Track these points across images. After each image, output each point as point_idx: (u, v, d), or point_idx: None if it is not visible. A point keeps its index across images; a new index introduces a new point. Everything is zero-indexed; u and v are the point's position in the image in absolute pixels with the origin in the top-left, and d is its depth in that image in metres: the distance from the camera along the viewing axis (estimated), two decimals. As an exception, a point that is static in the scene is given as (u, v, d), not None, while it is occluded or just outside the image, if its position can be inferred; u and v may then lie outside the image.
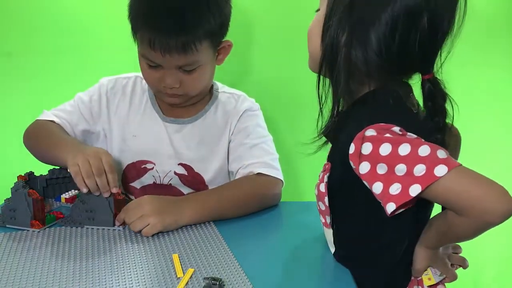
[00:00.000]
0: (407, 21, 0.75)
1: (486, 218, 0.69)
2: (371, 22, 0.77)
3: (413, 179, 0.70)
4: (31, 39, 1.55)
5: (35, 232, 0.95)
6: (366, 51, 0.78)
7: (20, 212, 0.95)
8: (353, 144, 0.74)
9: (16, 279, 0.78)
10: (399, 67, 0.80)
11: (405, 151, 0.71)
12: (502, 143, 1.62)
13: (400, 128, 0.74)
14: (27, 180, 1.08)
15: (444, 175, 0.68)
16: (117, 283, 0.77)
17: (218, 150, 1.21)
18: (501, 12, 1.55)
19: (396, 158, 0.71)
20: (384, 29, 0.76)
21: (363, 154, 0.73)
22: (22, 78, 1.57)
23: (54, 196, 1.12)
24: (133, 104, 1.22)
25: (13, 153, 1.55)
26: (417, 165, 0.70)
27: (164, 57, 1.06)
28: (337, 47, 0.79)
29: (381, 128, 0.74)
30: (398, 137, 0.73)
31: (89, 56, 1.55)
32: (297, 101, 1.56)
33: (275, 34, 1.54)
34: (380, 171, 0.72)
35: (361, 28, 0.77)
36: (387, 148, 0.72)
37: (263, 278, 0.79)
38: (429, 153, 0.70)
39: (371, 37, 0.77)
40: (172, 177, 1.20)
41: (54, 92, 1.54)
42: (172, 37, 1.04)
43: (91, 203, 0.96)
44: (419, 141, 0.72)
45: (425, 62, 0.79)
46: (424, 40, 0.76)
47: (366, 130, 0.74)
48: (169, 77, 1.09)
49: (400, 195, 0.70)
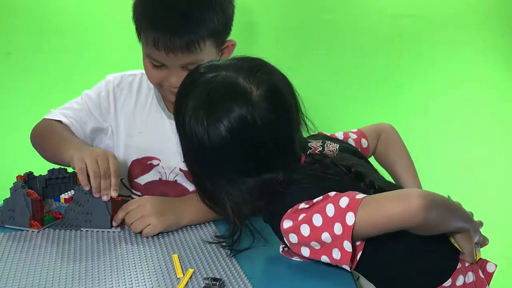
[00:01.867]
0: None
1: (415, 220, 0.73)
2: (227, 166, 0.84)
3: (340, 238, 0.74)
4: (31, 39, 1.55)
5: (34, 232, 0.94)
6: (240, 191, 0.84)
7: (19, 212, 0.95)
8: (284, 238, 0.80)
9: (16, 279, 0.78)
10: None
11: (319, 222, 0.75)
12: (502, 143, 1.62)
13: (305, 202, 0.78)
14: (26, 180, 1.07)
15: (356, 217, 0.73)
16: (117, 283, 0.77)
17: None
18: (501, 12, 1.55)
19: (318, 231, 0.75)
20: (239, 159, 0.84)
21: (294, 244, 0.79)
22: (22, 78, 1.58)
23: (53, 196, 1.11)
24: (139, 101, 1.23)
25: (13, 153, 1.55)
26: (334, 225, 0.74)
27: (168, 57, 1.06)
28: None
29: (292, 213, 0.79)
30: (307, 214, 0.77)
31: (89, 56, 1.55)
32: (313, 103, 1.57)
33: (278, 34, 1.54)
34: (317, 247, 0.77)
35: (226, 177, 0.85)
36: (306, 229, 0.77)
37: (263, 278, 0.79)
38: (335, 209, 0.75)
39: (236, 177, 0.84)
40: (177, 173, 1.21)
41: (54, 92, 1.54)
42: (176, 37, 1.04)
43: (88, 205, 0.95)
44: (322, 203, 0.76)
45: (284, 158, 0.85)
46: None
47: (283, 222, 0.79)
48: (173, 77, 1.09)
49: (342, 257, 0.75)
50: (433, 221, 0.74)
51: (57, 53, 1.56)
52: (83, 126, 1.19)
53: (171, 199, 1.02)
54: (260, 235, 0.89)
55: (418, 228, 0.76)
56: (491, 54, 1.58)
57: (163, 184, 1.21)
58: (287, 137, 0.85)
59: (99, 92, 1.22)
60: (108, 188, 0.95)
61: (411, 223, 0.74)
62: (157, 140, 1.20)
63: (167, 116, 1.21)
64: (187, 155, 0.88)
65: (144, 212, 0.95)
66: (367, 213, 0.73)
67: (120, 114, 1.22)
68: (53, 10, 1.54)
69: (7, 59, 1.56)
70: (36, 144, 1.17)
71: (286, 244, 0.82)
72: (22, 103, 1.57)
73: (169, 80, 1.10)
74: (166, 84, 1.11)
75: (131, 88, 1.24)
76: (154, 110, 1.22)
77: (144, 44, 1.10)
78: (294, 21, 1.50)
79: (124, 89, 1.23)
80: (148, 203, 0.97)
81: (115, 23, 1.52)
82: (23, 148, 1.21)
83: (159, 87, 1.16)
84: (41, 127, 1.18)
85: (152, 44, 1.06)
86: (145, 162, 1.21)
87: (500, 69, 1.59)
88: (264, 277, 0.80)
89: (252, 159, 0.83)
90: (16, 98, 1.58)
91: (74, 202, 0.97)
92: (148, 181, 1.22)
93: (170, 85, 1.10)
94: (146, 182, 1.22)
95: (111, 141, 1.23)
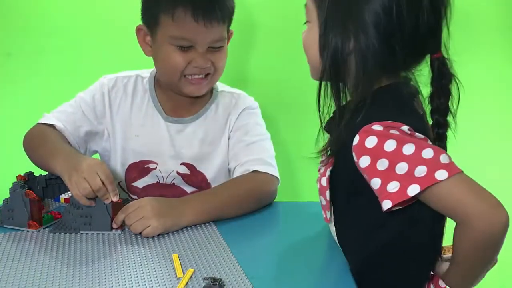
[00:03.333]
0: (408, 4, 0.75)
1: (481, 226, 0.70)
2: (373, 20, 0.76)
3: (412, 179, 0.70)
4: (31, 39, 1.55)
5: (33, 233, 0.94)
6: (375, 49, 0.77)
7: (17, 212, 0.94)
8: (358, 136, 0.74)
9: (16, 280, 0.77)
10: (409, 53, 0.79)
11: (409, 150, 0.71)
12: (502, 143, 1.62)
13: (409, 127, 0.74)
14: (26, 180, 1.07)
15: (444, 180, 0.70)
16: (117, 283, 0.77)
17: (219, 148, 1.21)
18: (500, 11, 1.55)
19: (399, 156, 0.71)
20: (388, 19, 0.76)
21: (366, 147, 0.73)
22: (22, 78, 1.57)
23: (53, 196, 1.11)
24: (134, 104, 1.22)
25: (13, 153, 1.55)
26: (418, 166, 0.70)
27: (206, 28, 1.08)
28: (342, 54, 0.79)
29: (389, 125, 0.74)
30: (404, 136, 0.73)
31: (89, 56, 1.55)
32: (297, 101, 1.56)
33: (276, 34, 1.54)
34: (380, 167, 0.73)
35: (366, 30, 0.77)
36: (392, 144, 0.72)
37: (263, 278, 0.79)
38: (432, 156, 0.71)
39: (377, 32, 0.76)
40: (175, 177, 1.20)
41: (54, 92, 1.53)
42: (212, 8, 1.09)
43: (88, 208, 0.95)
44: (424, 143, 0.73)
45: (432, 40, 0.78)
46: (428, 17, 0.76)
47: (374, 125, 0.74)
48: (200, 58, 1.12)
49: (398, 194, 0.71)
50: (498, 242, 0.72)
51: (57, 53, 1.56)
52: (77, 130, 1.17)
53: (171, 200, 1.01)
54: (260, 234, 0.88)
55: (481, 239, 0.73)
56: (491, 53, 1.58)
57: (161, 187, 1.21)
58: (443, 13, 0.79)
59: (93, 94, 1.21)
60: (106, 195, 0.94)
61: (481, 226, 0.71)
62: (154, 144, 1.20)
63: (164, 118, 1.21)
64: None
65: (144, 213, 0.94)
66: (455, 186, 0.70)
67: (116, 117, 1.21)
68: (53, 10, 1.53)
69: (7, 59, 1.56)
70: (29, 153, 1.15)
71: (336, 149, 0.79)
72: (22, 103, 1.57)
73: (197, 61, 1.11)
74: (192, 66, 1.12)
75: (126, 90, 1.22)
76: (151, 112, 1.21)
77: (170, 27, 1.10)
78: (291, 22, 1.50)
79: (119, 91, 1.22)
80: (148, 204, 0.96)
81: (116, 23, 1.52)
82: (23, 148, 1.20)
83: (179, 76, 1.14)
84: (33, 135, 1.15)
85: (191, 19, 1.07)
86: (142, 166, 1.21)
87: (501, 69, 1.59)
88: (264, 277, 0.79)
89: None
90: (16, 98, 1.58)
91: (72, 205, 0.96)
92: (145, 184, 1.21)
93: (198, 66, 1.12)
94: (144, 186, 1.22)
95: (108, 144, 1.22)
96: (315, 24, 0.82)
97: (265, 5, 1.52)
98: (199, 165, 1.20)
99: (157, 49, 1.15)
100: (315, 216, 1.07)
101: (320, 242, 0.93)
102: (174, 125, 1.21)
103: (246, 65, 1.56)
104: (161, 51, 1.13)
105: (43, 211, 0.98)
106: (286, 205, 1.15)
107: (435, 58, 0.79)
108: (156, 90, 1.23)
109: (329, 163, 0.82)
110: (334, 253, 0.89)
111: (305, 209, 1.13)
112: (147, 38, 1.16)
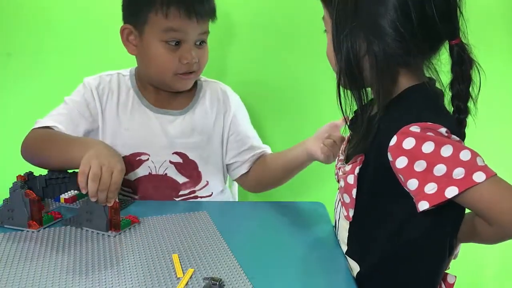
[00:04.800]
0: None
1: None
2: (382, 16, 0.76)
3: (451, 181, 0.71)
4: (31, 39, 1.55)
5: (33, 233, 0.94)
6: (388, 45, 0.77)
7: (17, 213, 0.94)
8: (396, 136, 0.74)
9: (16, 280, 0.77)
10: (422, 40, 0.78)
11: (448, 152, 0.72)
12: (502, 143, 1.62)
13: (447, 129, 0.74)
14: (26, 180, 1.07)
15: (481, 182, 0.70)
16: (117, 283, 0.77)
17: (212, 137, 1.26)
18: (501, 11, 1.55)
19: (438, 158, 0.72)
20: (394, 10, 0.76)
21: (404, 149, 0.74)
22: (22, 78, 1.57)
23: (53, 196, 1.11)
24: (121, 100, 1.24)
25: (13, 153, 1.55)
26: (457, 168, 0.71)
27: (198, 23, 1.15)
28: (356, 56, 0.79)
29: (427, 127, 0.74)
30: (442, 138, 0.73)
31: (89, 56, 1.55)
32: (293, 101, 1.57)
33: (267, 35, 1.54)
34: (418, 168, 0.73)
35: (375, 27, 0.77)
36: (430, 146, 0.72)
37: (263, 278, 0.79)
38: (470, 158, 0.72)
39: (388, 29, 0.76)
40: (167, 167, 1.22)
41: (54, 92, 1.53)
42: (203, 3, 1.16)
43: (91, 204, 0.95)
44: (461, 144, 0.73)
45: (448, 26, 0.78)
46: (437, 2, 0.75)
47: (412, 126, 0.74)
48: (189, 53, 1.16)
49: (436, 195, 0.72)
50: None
51: (57, 53, 1.56)
52: (75, 130, 1.18)
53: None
54: (260, 234, 0.88)
55: (494, 234, 0.77)
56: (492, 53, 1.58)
57: (153, 178, 1.22)
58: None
59: (83, 94, 1.22)
60: (104, 200, 0.94)
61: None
62: (145, 135, 1.22)
63: (154, 111, 1.23)
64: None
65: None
66: (492, 188, 0.71)
67: (105, 114, 1.22)
68: (53, 10, 1.54)
69: (7, 59, 1.56)
70: (33, 154, 1.14)
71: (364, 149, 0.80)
72: (22, 103, 1.57)
73: (186, 57, 1.16)
74: (182, 62, 1.16)
75: (111, 87, 1.24)
76: (137, 108, 1.24)
77: (161, 21, 1.13)
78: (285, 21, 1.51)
79: (105, 88, 1.24)
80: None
81: (116, 24, 1.52)
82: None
83: (171, 74, 1.18)
84: (36, 136, 1.15)
85: (182, 12, 1.12)
86: (134, 159, 1.21)
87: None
88: (264, 277, 0.79)
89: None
90: (16, 98, 1.58)
91: (86, 200, 0.97)
92: (138, 176, 1.22)
93: (189, 61, 1.16)
94: (136, 178, 1.22)
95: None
96: (330, 33, 0.83)
97: (251, 4, 1.53)
98: (190, 153, 1.23)
99: (144, 47, 1.17)
100: (316, 216, 1.07)
101: (320, 242, 0.93)
102: (164, 116, 1.24)
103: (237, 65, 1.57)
104: (149, 49, 1.17)
105: (43, 211, 0.98)
106: (286, 205, 1.15)
107: (454, 45, 0.79)
108: (138, 87, 1.26)
109: (359, 161, 0.82)
110: (334, 253, 0.89)
111: (305, 209, 1.13)
112: (130, 37, 1.19)
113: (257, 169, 1.30)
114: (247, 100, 1.37)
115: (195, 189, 1.25)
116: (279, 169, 1.25)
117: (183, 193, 1.24)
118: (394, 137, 0.74)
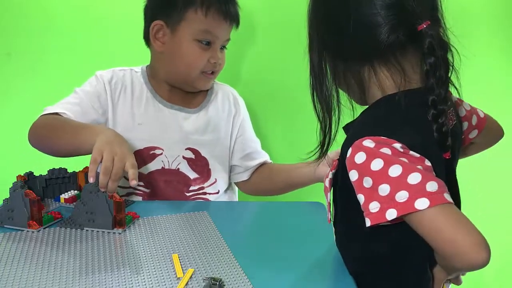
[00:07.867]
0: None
1: (454, 262, 0.68)
2: (317, 30, 0.82)
3: (392, 203, 0.68)
4: (31, 39, 1.55)
5: (33, 233, 0.94)
6: (332, 57, 0.81)
7: (17, 213, 0.94)
8: (351, 149, 0.73)
9: (16, 280, 0.77)
10: (365, 45, 0.77)
11: (395, 173, 0.68)
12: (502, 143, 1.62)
13: (402, 145, 0.70)
14: (26, 180, 1.07)
15: (422, 210, 0.66)
16: (117, 283, 0.77)
17: (221, 136, 1.29)
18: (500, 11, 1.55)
19: (384, 177, 0.69)
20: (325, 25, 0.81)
21: (355, 163, 0.71)
22: (22, 78, 1.57)
23: (53, 196, 1.11)
24: (135, 95, 1.25)
25: (13, 153, 1.55)
26: (401, 190, 0.67)
27: (229, 26, 1.22)
28: (315, 64, 0.84)
29: (380, 142, 0.71)
30: (393, 157, 0.69)
31: (89, 56, 1.55)
32: (291, 101, 1.57)
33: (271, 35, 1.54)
34: (366, 184, 0.71)
35: (319, 42, 0.82)
36: (379, 164, 0.69)
37: (263, 278, 0.79)
38: (418, 182, 0.67)
39: (328, 42, 0.81)
40: (180, 162, 1.24)
41: (54, 92, 1.53)
42: (235, 9, 1.23)
43: (92, 204, 0.95)
44: (413, 166, 0.69)
45: (404, 12, 0.73)
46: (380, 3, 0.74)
47: (365, 140, 0.71)
48: (217, 54, 1.22)
49: (377, 215, 0.69)
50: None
51: (57, 53, 1.56)
52: (84, 119, 1.17)
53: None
54: (261, 234, 0.88)
55: (451, 264, 0.73)
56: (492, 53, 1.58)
57: (166, 172, 1.23)
58: None
59: (95, 85, 1.22)
60: (112, 190, 0.94)
61: (453, 263, 0.69)
62: (159, 130, 1.23)
63: (167, 106, 1.25)
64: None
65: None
66: (435, 217, 0.66)
67: (117, 108, 1.23)
68: (53, 10, 1.53)
69: (7, 59, 1.56)
70: (41, 139, 1.13)
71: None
72: (22, 103, 1.57)
73: (214, 57, 1.21)
74: (211, 62, 1.20)
75: (124, 82, 1.25)
76: (151, 103, 1.25)
77: (199, 22, 1.17)
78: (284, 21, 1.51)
79: (118, 83, 1.24)
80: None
81: (116, 23, 1.52)
82: (23, 148, 1.20)
83: (198, 72, 1.22)
84: (45, 122, 1.14)
85: (220, 18, 1.18)
86: (148, 152, 1.22)
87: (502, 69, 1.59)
88: (264, 277, 0.79)
89: None
90: (16, 98, 1.58)
91: (80, 201, 0.97)
92: (150, 170, 1.22)
93: (217, 61, 1.21)
94: (149, 172, 1.23)
95: None
96: None
97: (251, 5, 1.53)
98: (203, 150, 1.25)
99: (176, 44, 1.19)
100: (315, 216, 1.07)
101: (320, 242, 0.93)
102: (179, 113, 1.25)
103: (240, 65, 1.57)
104: (181, 47, 1.19)
105: (43, 211, 0.98)
106: (286, 205, 1.15)
107: (422, 29, 0.73)
108: (152, 84, 1.27)
109: (333, 165, 0.81)
110: (334, 253, 0.89)
111: (305, 209, 1.13)
112: (159, 34, 1.20)
113: (258, 178, 1.33)
114: (247, 100, 1.38)
115: (204, 185, 1.26)
116: (281, 183, 1.28)
117: (193, 188, 1.25)
118: (349, 149, 0.73)
